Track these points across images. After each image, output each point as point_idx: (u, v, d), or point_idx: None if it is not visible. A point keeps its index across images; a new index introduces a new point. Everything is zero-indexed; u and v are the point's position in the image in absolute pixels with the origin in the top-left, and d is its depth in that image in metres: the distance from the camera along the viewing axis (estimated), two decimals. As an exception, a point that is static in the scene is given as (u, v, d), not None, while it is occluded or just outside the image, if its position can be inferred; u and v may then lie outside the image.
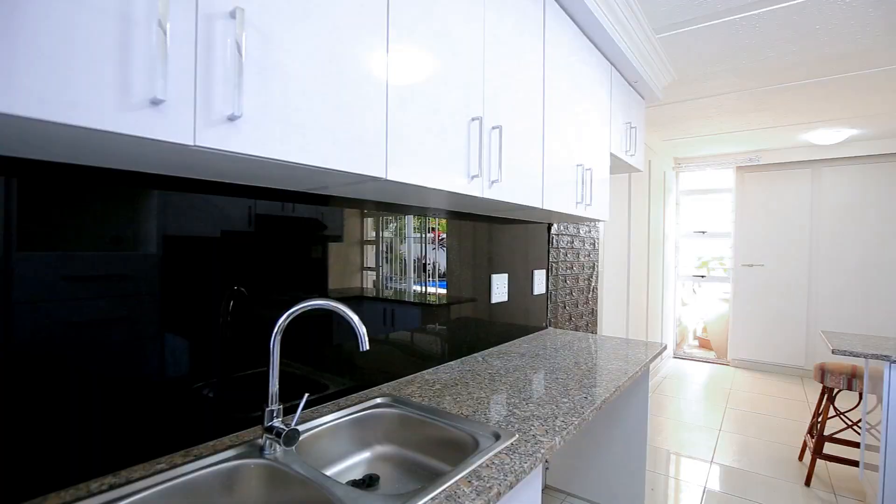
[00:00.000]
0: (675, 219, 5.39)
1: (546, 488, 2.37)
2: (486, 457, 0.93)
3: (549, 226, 2.38)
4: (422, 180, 1.02)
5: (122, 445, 0.87)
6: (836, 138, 4.14)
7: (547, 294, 2.39)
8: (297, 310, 0.97)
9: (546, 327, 2.40)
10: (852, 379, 2.50)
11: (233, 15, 0.68)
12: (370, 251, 1.45)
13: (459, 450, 1.06)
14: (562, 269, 2.55)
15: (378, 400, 1.24)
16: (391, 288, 1.52)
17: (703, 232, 5.51)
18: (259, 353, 1.09)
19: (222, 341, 1.02)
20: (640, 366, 1.66)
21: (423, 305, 1.64)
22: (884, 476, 2.04)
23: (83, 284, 0.82)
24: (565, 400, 1.27)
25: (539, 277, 2.29)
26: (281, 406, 0.97)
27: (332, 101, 0.82)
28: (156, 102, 0.60)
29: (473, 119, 1.17)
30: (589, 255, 2.91)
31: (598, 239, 3.03)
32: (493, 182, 1.24)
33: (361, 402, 1.23)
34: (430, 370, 1.56)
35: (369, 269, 1.44)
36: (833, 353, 2.16)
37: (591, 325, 2.97)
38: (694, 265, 6.01)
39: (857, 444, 2.52)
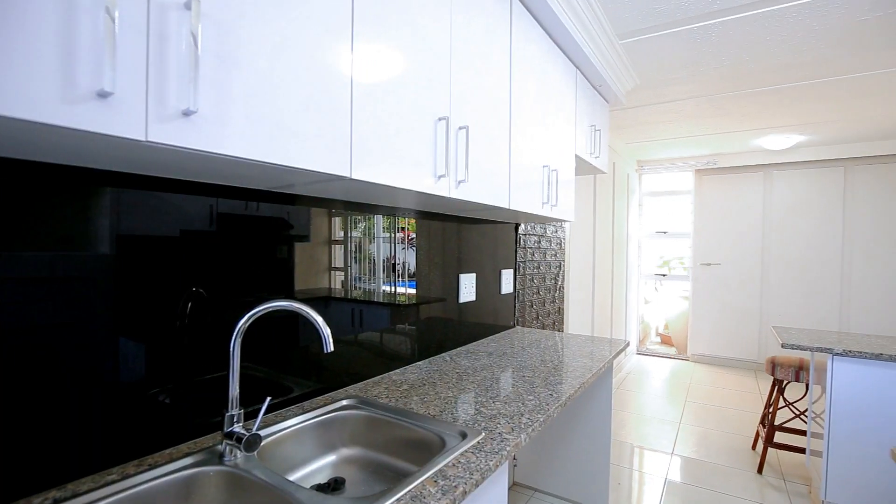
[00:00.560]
0: (639, 219, 5.57)
1: (514, 485, 2.40)
2: (453, 456, 0.93)
3: (517, 226, 2.42)
4: (388, 180, 1.02)
5: (68, 456, 0.82)
6: (785, 144, 4.38)
7: (514, 293, 2.42)
8: (257, 312, 0.94)
9: (514, 326, 2.43)
10: (800, 371, 2.65)
11: (188, 6, 0.65)
12: (338, 251, 1.43)
13: (426, 450, 1.06)
14: (529, 268, 2.59)
15: (344, 402, 1.23)
16: (360, 288, 1.50)
17: (665, 232, 5.71)
18: (220, 357, 1.05)
19: (179, 345, 0.98)
20: (604, 362, 1.70)
21: (392, 306, 1.63)
22: (827, 462, 2.16)
23: (29, 286, 0.77)
24: (531, 397, 1.29)
25: (507, 277, 2.32)
26: (242, 411, 0.94)
27: (295, 97, 0.80)
28: (103, 95, 0.57)
29: (440, 119, 1.17)
30: (555, 255, 2.97)
31: (564, 239, 3.09)
32: (459, 182, 1.24)
33: (327, 404, 1.21)
34: (398, 371, 1.56)
35: (337, 269, 1.42)
36: (782, 347, 2.28)
37: (557, 324, 3.03)
38: (656, 264, 6.22)
39: (804, 433, 2.67)
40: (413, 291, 1.75)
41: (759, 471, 2.69)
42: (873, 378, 2.06)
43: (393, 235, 1.65)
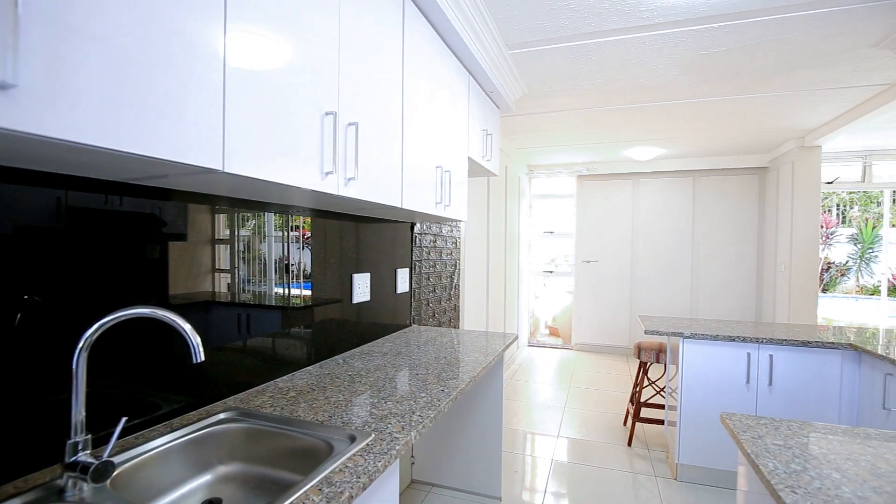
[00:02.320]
0: (529, 220, 5.95)
1: (412, 483, 2.42)
2: (340, 461, 0.91)
3: (412, 225, 2.43)
4: (269, 175, 0.95)
5: None
6: (649, 155, 4.99)
7: (410, 292, 2.44)
8: (107, 322, 0.82)
9: (410, 325, 2.44)
10: (660, 353, 3.03)
11: (1, -42, 0.54)
12: (223, 251, 1.31)
13: (313, 458, 1.01)
14: (425, 267, 2.62)
15: (222, 415, 1.13)
16: (249, 291, 1.40)
17: (552, 232, 6.19)
18: (64, 375, 0.90)
19: (2, 364, 0.82)
20: (494, 356, 1.78)
21: (285, 309, 1.55)
22: (679, 429, 2.51)
23: None
24: (423, 395, 1.30)
25: (402, 276, 2.32)
26: (89, 436, 0.82)
27: (152, 77, 0.71)
28: None
29: (328, 113, 1.12)
30: (451, 254, 3.05)
31: (459, 238, 3.19)
32: (349, 180, 1.21)
33: (201, 419, 1.11)
34: (285, 377, 1.47)
35: (223, 270, 1.31)
36: (645, 333, 2.59)
37: (453, 321, 3.11)
38: (545, 262, 6.71)
39: (663, 407, 3.07)
40: (308, 293, 1.67)
41: (629, 443, 3.04)
42: (713, 356, 2.44)
43: (286, 234, 1.57)
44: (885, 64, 2.54)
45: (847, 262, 9.50)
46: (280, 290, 1.54)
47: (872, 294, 8.83)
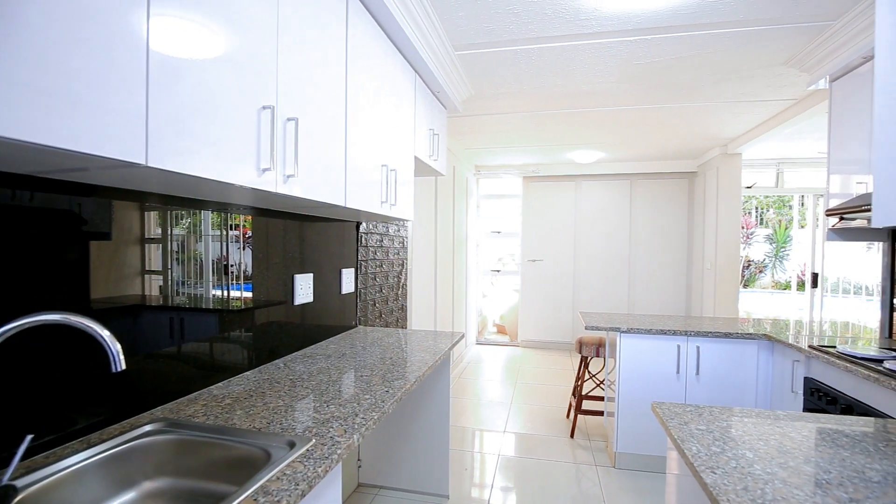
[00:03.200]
0: (477, 220, 6.03)
1: (359, 486, 2.38)
2: (278, 468, 0.87)
3: (358, 224, 2.39)
4: (198, 170, 0.90)
5: None
6: (590, 159, 5.21)
7: (356, 292, 2.40)
8: (10, 329, 0.74)
9: (356, 326, 2.40)
10: (600, 347, 3.17)
11: None
12: (155, 251, 1.23)
13: (249, 467, 0.97)
14: (371, 267, 2.59)
15: (148, 427, 1.05)
16: (183, 294, 1.32)
17: (499, 232, 6.31)
18: (-48, 391, 0.80)
19: None
20: (440, 355, 1.79)
21: (223, 312, 1.47)
22: (617, 420, 2.64)
23: None
24: (367, 396, 1.29)
25: (347, 276, 2.28)
26: (-13, 457, 0.73)
27: (64, 60, 0.65)
28: None
29: (264, 108, 1.08)
30: (398, 254, 3.03)
31: (406, 238, 3.17)
32: (288, 177, 1.17)
33: (125, 432, 1.03)
34: (220, 384, 1.40)
35: (154, 272, 1.22)
36: (586, 328, 2.70)
37: (401, 321, 3.10)
38: (492, 261, 6.83)
39: (603, 399, 3.21)
40: (249, 295, 1.60)
41: (572, 435, 3.16)
42: (647, 349, 2.58)
43: (225, 233, 1.49)
44: (793, 81, 2.80)
45: (764, 260, 10.42)
46: (218, 293, 1.47)
47: (785, 289, 9.72)
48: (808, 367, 2.05)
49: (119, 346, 0.79)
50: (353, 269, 2.35)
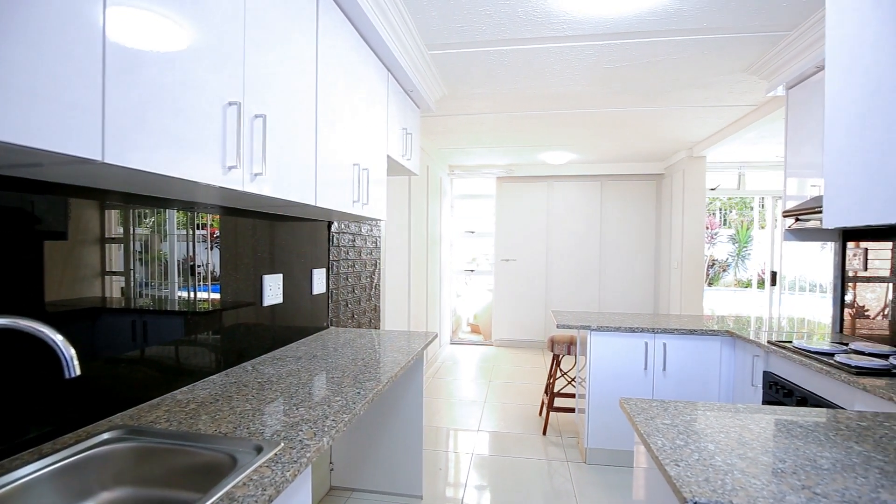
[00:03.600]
0: (450, 220, 6.04)
1: (331, 490, 2.34)
2: (244, 474, 0.85)
3: (329, 224, 2.36)
4: (160, 168, 0.87)
5: None
6: (562, 160, 5.30)
7: (328, 293, 2.36)
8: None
9: (327, 327, 2.37)
10: (571, 345, 3.23)
11: None
12: (116, 252, 1.18)
13: (215, 473, 0.94)
14: (343, 267, 2.56)
15: (106, 435, 1.01)
16: (147, 295, 1.27)
17: (473, 232, 6.34)
18: None
19: None
20: (413, 355, 1.78)
21: (189, 314, 1.42)
22: (588, 416, 2.69)
23: None
24: (338, 398, 1.27)
25: (318, 277, 2.24)
26: (-74, 471, 0.69)
27: (10, 48, 0.62)
28: None
29: (231, 104, 1.05)
30: (371, 254, 3.00)
31: (379, 237, 3.15)
32: (256, 175, 1.14)
33: (81, 441, 0.98)
34: (184, 388, 1.35)
35: (115, 273, 1.17)
36: (557, 327, 2.74)
37: (374, 321, 3.07)
38: (466, 261, 6.86)
39: (574, 396, 3.27)
40: (217, 296, 1.55)
41: (544, 432, 3.20)
42: (617, 346, 2.64)
43: (191, 233, 1.44)
44: (753, 87, 2.92)
45: (727, 259, 10.83)
46: (184, 294, 1.42)
47: (746, 287, 10.13)
48: (766, 361, 2.14)
49: (73, 351, 0.75)
50: (324, 270, 2.31)
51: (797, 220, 2.28)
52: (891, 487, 0.82)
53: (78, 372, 0.75)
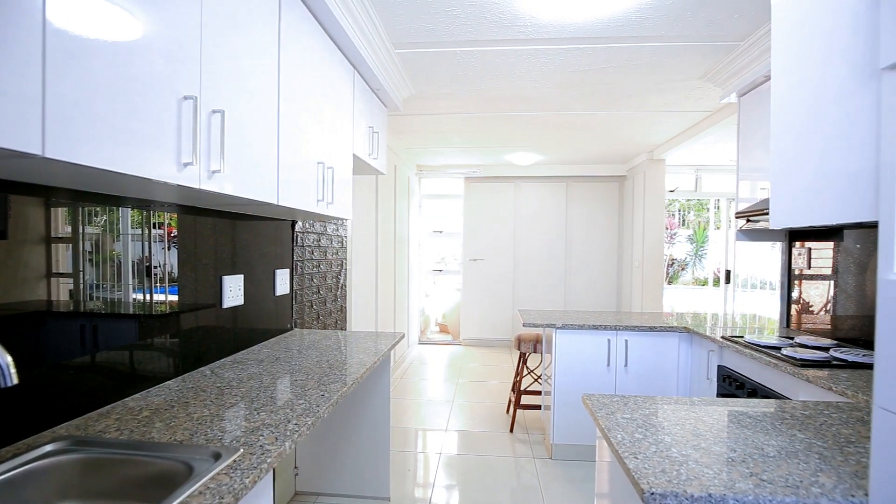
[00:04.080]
0: (419, 219, 6.03)
1: (296, 495, 2.29)
2: (201, 482, 0.82)
3: (293, 223, 2.31)
4: (107, 163, 0.82)
5: None
6: (528, 161, 5.38)
7: (292, 294, 2.31)
8: None
9: (291, 329, 2.32)
10: (537, 343, 3.28)
11: None
12: (63, 252, 1.11)
13: (169, 483, 0.90)
14: (308, 267, 2.51)
15: (48, 447, 0.95)
16: (98, 298, 1.20)
17: (441, 232, 6.35)
18: None
19: None
20: (380, 356, 1.77)
21: (143, 317, 1.36)
22: (553, 412, 2.75)
23: None
24: (301, 401, 1.24)
25: (282, 277, 2.19)
26: None
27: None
28: None
29: (186, 98, 1.01)
30: (337, 254, 2.96)
31: (346, 237, 3.11)
32: (213, 172, 1.10)
33: (20, 454, 0.92)
34: (137, 395, 1.29)
35: (62, 275, 1.11)
36: (524, 325, 2.78)
37: (340, 323, 3.03)
38: (434, 261, 6.86)
39: (540, 393, 3.32)
40: (175, 298, 1.49)
41: (511, 430, 3.24)
42: (581, 343, 2.70)
43: (147, 232, 1.38)
44: (708, 94, 3.05)
45: (686, 259, 11.29)
46: (139, 296, 1.36)
47: (703, 285, 10.57)
48: (721, 355, 2.24)
49: (9, 359, 0.70)
50: (288, 270, 2.26)
51: (748, 220, 2.40)
52: (828, 471, 0.88)
53: (15, 381, 0.71)
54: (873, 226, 0.80)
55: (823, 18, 1.02)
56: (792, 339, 2.09)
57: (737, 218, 2.50)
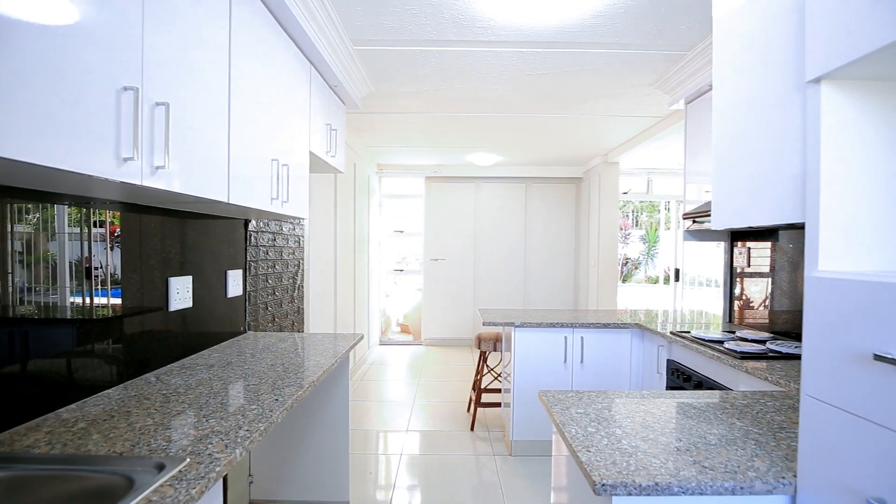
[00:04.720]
0: (379, 219, 5.97)
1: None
2: (142, 496, 0.77)
3: (247, 222, 2.23)
4: (36, 157, 0.76)
5: None
6: (488, 161, 5.43)
7: (245, 296, 2.23)
8: None
9: (244, 331, 2.23)
10: (497, 342, 3.32)
11: None
12: None
13: (106, 498, 0.85)
14: (262, 268, 2.43)
15: (-33, 465, 0.87)
16: (31, 302, 1.12)
17: (402, 231, 6.32)
18: None
19: None
20: (338, 358, 1.74)
21: (80, 322, 1.27)
22: (513, 409, 2.79)
23: None
24: (254, 407, 1.20)
25: (234, 278, 2.11)
26: None
27: None
28: None
29: (126, 89, 0.95)
30: (293, 254, 2.88)
31: (303, 237, 3.03)
32: (157, 168, 1.05)
33: (-67, 474, 0.84)
34: (72, 406, 1.21)
35: None
36: (484, 324, 2.81)
37: (297, 324, 2.95)
38: (395, 260, 6.82)
39: (500, 391, 3.37)
40: (118, 301, 1.40)
41: (472, 428, 3.26)
42: (539, 341, 2.76)
43: (87, 231, 1.29)
44: (658, 100, 3.19)
45: (639, 258, 11.77)
46: (78, 300, 1.27)
47: (655, 283, 11.06)
48: (670, 350, 2.34)
49: (-82, 370, 0.64)
50: (241, 271, 2.18)
51: (694, 221, 2.53)
52: (763, 456, 0.94)
53: (-74, 394, 0.64)
54: (804, 227, 0.86)
55: (760, 32, 1.09)
56: (734, 333, 2.22)
57: (684, 219, 2.63)
